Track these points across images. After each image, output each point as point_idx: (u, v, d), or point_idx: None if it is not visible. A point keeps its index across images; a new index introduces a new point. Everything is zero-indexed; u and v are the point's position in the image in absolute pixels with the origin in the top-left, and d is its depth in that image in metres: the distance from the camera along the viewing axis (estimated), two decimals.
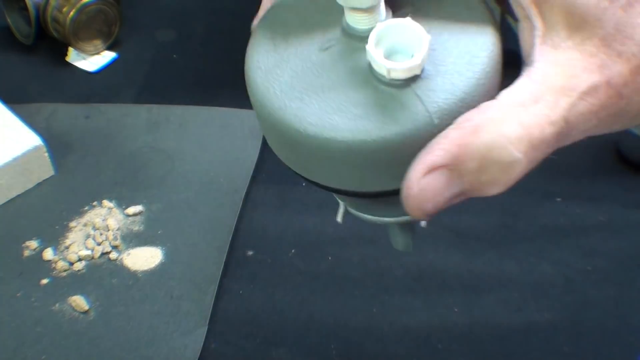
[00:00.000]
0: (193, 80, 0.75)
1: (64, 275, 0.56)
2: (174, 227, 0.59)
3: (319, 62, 0.28)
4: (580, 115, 0.24)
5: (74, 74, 0.76)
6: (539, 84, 0.24)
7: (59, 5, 0.74)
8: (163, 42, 0.80)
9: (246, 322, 0.53)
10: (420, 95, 0.25)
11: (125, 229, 0.59)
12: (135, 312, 0.53)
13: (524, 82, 0.25)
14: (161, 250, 0.58)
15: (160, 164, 0.65)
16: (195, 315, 0.53)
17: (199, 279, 0.55)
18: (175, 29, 0.82)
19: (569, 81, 0.24)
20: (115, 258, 0.57)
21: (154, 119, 0.69)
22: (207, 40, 0.80)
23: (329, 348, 0.51)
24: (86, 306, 0.53)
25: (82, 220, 0.60)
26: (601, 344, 0.51)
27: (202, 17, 0.84)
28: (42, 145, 0.62)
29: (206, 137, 0.67)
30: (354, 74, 0.27)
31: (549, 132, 0.24)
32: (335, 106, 0.26)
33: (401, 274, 0.55)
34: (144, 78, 0.76)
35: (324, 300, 0.54)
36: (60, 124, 0.69)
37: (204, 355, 0.50)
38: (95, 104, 0.71)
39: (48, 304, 0.54)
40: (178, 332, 0.52)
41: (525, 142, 0.24)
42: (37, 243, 0.58)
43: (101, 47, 0.78)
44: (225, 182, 0.63)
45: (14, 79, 0.75)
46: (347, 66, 0.27)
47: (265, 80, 0.28)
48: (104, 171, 0.64)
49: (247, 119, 0.69)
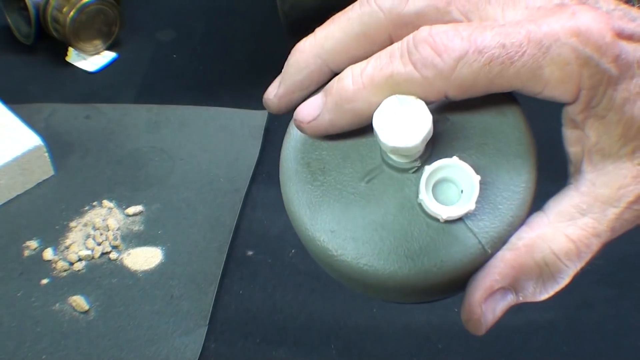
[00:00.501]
0: (193, 80, 0.75)
1: (64, 275, 0.56)
2: (174, 227, 0.59)
3: (364, 195, 0.28)
4: (626, 222, 0.26)
5: (74, 74, 0.76)
6: (586, 196, 0.26)
7: (59, 5, 0.74)
8: (163, 42, 0.80)
9: (246, 322, 0.53)
10: (472, 227, 0.26)
11: (125, 229, 0.59)
12: (135, 312, 0.53)
13: (572, 194, 0.27)
14: (161, 250, 0.58)
15: (160, 164, 0.65)
16: (195, 315, 0.53)
17: (199, 279, 0.55)
18: (175, 29, 0.82)
19: (617, 192, 0.26)
20: (116, 258, 0.57)
21: (154, 119, 0.69)
22: (207, 40, 0.80)
23: (329, 348, 0.51)
24: (86, 306, 0.53)
25: (82, 220, 0.60)
26: (600, 344, 0.51)
27: (202, 17, 0.84)
28: (42, 145, 0.62)
29: (206, 137, 0.67)
30: (403, 207, 0.27)
31: (596, 242, 0.26)
32: (390, 244, 0.27)
33: None
34: (144, 78, 0.76)
35: (324, 300, 0.54)
36: (60, 124, 0.69)
37: (204, 355, 0.50)
38: (95, 104, 0.71)
39: (48, 304, 0.54)
40: (178, 332, 0.52)
41: (573, 255, 0.26)
42: (37, 243, 0.58)
43: (101, 47, 0.78)
44: (225, 182, 0.63)
45: (14, 79, 0.75)
46: (394, 199, 0.28)
47: (314, 221, 0.29)
48: (104, 171, 0.64)
49: (247, 119, 0.69)
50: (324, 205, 0.28)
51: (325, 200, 0.29)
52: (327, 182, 0.29)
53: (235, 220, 0.59)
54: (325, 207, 0.28)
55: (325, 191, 0.29)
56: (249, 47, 0.78)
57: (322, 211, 0.28)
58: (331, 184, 0.29)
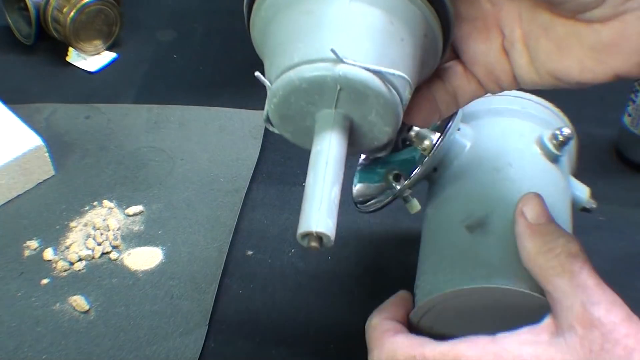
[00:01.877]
0: (193, 80, 0.75)
1: (64, 275, 0.56)
2: (174, 227, 0.59)
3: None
4: None
5: (74, 74, 0.76)
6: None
7: (59, 6, 0.74)
8: (163, 42, 0.80)
9: (246, 322, 0.53)
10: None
11: (125, 229, 0.59)
12: (135, 312, 0.53)
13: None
14: (161, 250, 0.58)
15: (160, 164, 0.65)
16: (195, 315, 0.53)
17: (199, 279, 0.55)
18: (175, 29, 0.82)
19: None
20: (116, 258, 0.57)
21: (154, 119, 0.69)
22: (207, 40, 0.80)
23: (329, 348, 0.51)
24: (86, 306, 0.53)
25: (83, 220, 0.60)
26: None
27: (202, 17, 0.84)
28: (42, 145, 0.62)
29: (206, 137, 0.67)
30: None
31: None
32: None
33: (400, 273, 0.55)
34: (144, 78, 0.76)
35: (324, 300, 0.54)
36: (60, 124, 0.69)
37: (204, 355, 0.50)
38: (95, 104, 0.71)
39: (48, 304, 0.54)
40: (178, 332, 0.52)
41: None
42: (38, 243, 0.58)
43: (101, 47, 0.78)
44: (225, 182, 0.63)
45: (14, 79, 0.75)
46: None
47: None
48: (104, 171, 0.64)
49: (247, 119, 0.69)
50: None
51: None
52: None
53: (235, 220, 0.59)
54: None
55: None
56: (249, 47, 0.77)
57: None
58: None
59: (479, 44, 0.33)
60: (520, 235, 0.36)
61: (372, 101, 0.30)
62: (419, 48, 0.32)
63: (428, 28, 0.32)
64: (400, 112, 0.31)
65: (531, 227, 0.36)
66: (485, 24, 0.33)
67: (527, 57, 0.32)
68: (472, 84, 0.35)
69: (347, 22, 0.30)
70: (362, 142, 0.32)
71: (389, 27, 0.30)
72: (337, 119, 0.30)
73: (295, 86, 0.29)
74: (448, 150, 0.43)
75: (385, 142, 0.32)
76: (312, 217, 0.28)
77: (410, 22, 0.31)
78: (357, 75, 0.29)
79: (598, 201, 0.48)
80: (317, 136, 0.30)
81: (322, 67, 0.29)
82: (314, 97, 0.30)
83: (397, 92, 0.30)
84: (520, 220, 0.37)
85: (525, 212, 0.37)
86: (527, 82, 0.33)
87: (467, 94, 0.35)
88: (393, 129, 0.31)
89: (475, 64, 0.34)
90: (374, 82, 0.29)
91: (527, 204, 0.37)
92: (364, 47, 0.29)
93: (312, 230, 0.28)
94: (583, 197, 0.47)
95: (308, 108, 0.31)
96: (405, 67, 0.31)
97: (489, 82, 0.34)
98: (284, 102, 0.30)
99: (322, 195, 0.29)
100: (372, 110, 0.30)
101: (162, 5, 0.86)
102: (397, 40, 0.30)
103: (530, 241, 0.36)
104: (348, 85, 0.29)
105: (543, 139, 0.43)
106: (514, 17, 0.32)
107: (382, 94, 0.29)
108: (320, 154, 0.30)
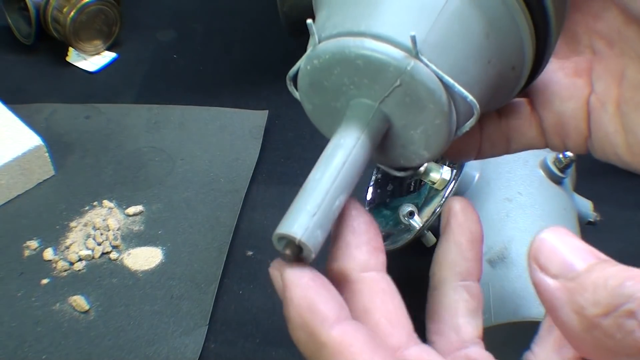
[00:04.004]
0: (193, 80, 0.75)
1: (64, 275, 0.56)
2: (174, 227, 0.59)
3: None
4: None
5: (74, 74, 0.76)
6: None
7: (59, 5, 0.74)
8: (163, 42, 0.80)
9: (246, 322, 0.53)
10: None
11: (125, 229, 0.59)
12: (135, 312, 0.53)
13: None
14: (161, 250, 0.58)
15: (160, 164, 0.65)
16: (195, 315, 0.53)
17: (199, 279, 0.55)
18: (175, 29, 0.82)
19: None
20: (116, 258, 0.57)
21: (154, 119, 0.69)
22: (207, 40, 0.80)
23: None
24: (86, 306, 0.53)
25: (83, 220, 0.60)
26: None
27: (202, 17, 0.84)
28: (42, 145, 0.62)
29: (206, 137, 0.67)
30: None
31: None
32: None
33: (400, 274, 0.55)
34: (144, 78, 0.76)
35: None
36: (60, 124, 0.69)
37: (204, 355, 0.50)
38: (95, 104, 0.71)
39: (48, 304, 0.54)
40: (178, 331, 0.52)
41: None
42: (38, 243, 0.58)
43: (101, 47, 0.78)
44: (225, 182, 0.63)
45: (14, 79, 0.75)
46: None
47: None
48: (104, 171, 0.64)
49: (247, 119, 0.69)
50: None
51: None
52: None
53: (235, 221, 0.59)
54: None
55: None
56: (249, 47, 0.78)
57: None
58: None
59: (562, 87, 0.28)
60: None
61: (427, 116, 0.24)
62: (501, 79, 0.26)
63: (520, 59, 0.26)
64: (448, 142, 0.25)
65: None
66: (577, 68, 0.27)
67: (617, 125, 0.26)
68: (534, 131, 0.28)
69: (440, 11, 0.24)
70: (388, 154, 0.27)
71: (482, 41, 0.25)
72: (376, 117, 0.25)
73: (348, 59, 0.24)
74: (459, 182, 0.43)
75: (413, 165, 0.27)
76: (300, 221, 0.23)
77: (507, 45, 0.25)
78: (427, 79, 0.24)
79: (598, 201, 0.48)
80: (344, 126, 0.25)
81: (390, 51, 0.23)
82: (362, 80, 0.24)
83: (457, 119, 0.25)
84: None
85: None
86: (607, 155, 0.27)
87: (522, 141, 0.29)
88: (431, 156, 0.26)
89: (547, 109, 0.28)
90: (441, 95, 0.24)
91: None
92: (447, 50, 0.24)
93: (294, 237, 0.23)
94: (588, 212, 0.48)
95: (348, 89, 0.25)
96: (477, 95, 0.25)
97: (554, 135, 0.28)
98: (325, 70, 0.25)
99: (323, 200, 0.23)
100: (421, 125, 0.25)
101: (162, 5, 0.86)
102: (484, 60, 0.25)
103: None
104: (410, 86, 0.24)
105: (547, 163, 0.43)
106: (614, 72, 0.26)
107: (442, 113, 0.24)
108: (340, 150, 0.24)
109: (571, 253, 0.21)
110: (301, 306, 0.22)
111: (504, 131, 0.29)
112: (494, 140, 0.29)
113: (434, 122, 0.24)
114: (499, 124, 0.29)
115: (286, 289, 0.23)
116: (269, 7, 0.71)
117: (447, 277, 0.28)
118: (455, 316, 0.27)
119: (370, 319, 0.25)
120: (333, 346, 0.22)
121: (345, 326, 0.22)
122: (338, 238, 0.25)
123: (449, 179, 0.42)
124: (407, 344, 0.25)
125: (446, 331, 0.27)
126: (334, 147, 0.24)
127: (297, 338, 0.23)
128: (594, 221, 0.49)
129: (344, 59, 0.24)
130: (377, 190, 0.52)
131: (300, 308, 0.22)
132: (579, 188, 0.53)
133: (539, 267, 0.21)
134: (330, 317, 0.22)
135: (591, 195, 0.52)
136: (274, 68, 0.74)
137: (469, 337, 0.27)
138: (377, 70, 0.24)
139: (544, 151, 0.45)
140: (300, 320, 0.22)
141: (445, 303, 0.27)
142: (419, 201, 0.44)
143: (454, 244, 0.27)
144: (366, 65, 0.24)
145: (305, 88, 0.26)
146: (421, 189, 0.46)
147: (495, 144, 0.29)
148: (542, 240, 0.21)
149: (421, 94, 0.24)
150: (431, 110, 0.24)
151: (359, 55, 0.24)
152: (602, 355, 0.20)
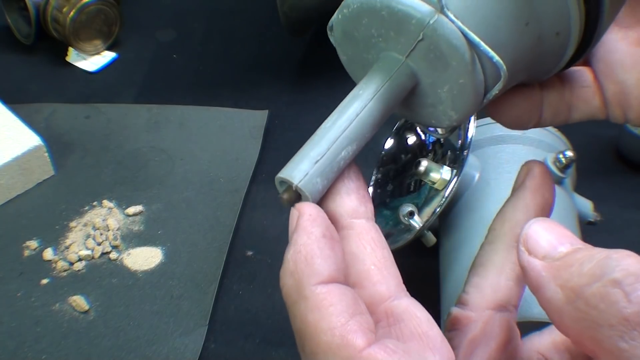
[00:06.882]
0: (193, 80, 0.75)
1: (64, 275, 0.56)
2: (174, 227, 0.59)
3: None
4: None
5: (74, 74, 0.76)
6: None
7: (59, 5, 0.74)
8: (163, 42, 0.80)
9: (246, 322, 0.53)
10: None
11: (125, 229, 0.59)
12: (135, 312, 0.53)
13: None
14: (161, 250, 0.58)
15: (160, 164, 0.65)
16: (195, 315, 0.53)
17: (199, 279, 0.55)
18: (175, 29, 0.82)
19: None
20: (116, 258, 0.57)
21: (154, 119, 0.69)
22: (207, 40, 0.80)
23: None
24: (86, 306, 0.53)
25: (82, 220, 0.60)
26: None
27: (202, 17, 0.84)
28: (42, 145, 0.62)
29: (206, 137, 0.67)
30: None
31: None
32: None
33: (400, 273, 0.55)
34: (144, 78, 0.76)
35: None
36: (60, 124, 0.69)
37: (204, 355, 0.50)
38: (95, 104, 0.71)
39: (48, 304, 0.54)
40: (178, 332, 0.52)
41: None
42: (37, 243, 0.58)
43: (101, 47, 0.78)
44: (225, 182, 0.63)
45: (14, 79, 0.75)
46: None
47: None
48: (104, 171, 0.64)
49: (247, 119, 0.69)
50: None
51: None
52: None
53: (235, 220, 0.59)
54: None
55: None
56: (249, 47, 0.78)
57: None
58: None
59: (625, 56, 0.27)
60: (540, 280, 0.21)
61: (451, 74, 0.24)
62: (542, 44, 0.25)
63: (565, 25, 0.25)
64: (476, 104, 0.25)
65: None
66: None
67: None
68: (596, 101, 0.28)
69: None
70: (419, 112, 0.26)
71: (519, 1, 0.24)
72: (401, 71, 0.24)
73: (374, 8, 0.24)
74: (459, 182, 0.43)
75: (444, 126, 0.26)
76: (301, 166, 0.23)
77: (549, 8, 0.24)
78: (450, 34, 0.23)
79: (598, 201, 0.48)
80: (367, 78, 0.25)
81: (415, 3, 0.23)
82: (389, 32, 0.24)
83: (484, 79, 0.24)
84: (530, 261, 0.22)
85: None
86: None
87: (585, 110, 0.28)
88: (459, 117, 0.25)
89: (609, 79, 0.27)
90: (464, 52, 0.23)
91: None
92: (477, 8, 0.23)
93: (292, 182, 0.23)
94: (588, 212, 0.48)
95: (377, 41, 0.25)
96: (510, 58, 0.24)
97: (616, 106, 0.27)
98: (353, 19, 0.25)
99: (329, 148, 0.23)
100: (447, 84, 0.24)
101: (162, 5, 0.86)
102: (520, 21, 0.24)
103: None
104: (432, 41, 0.23)
105: (547, 163, 0.43)
106: None
107: (466, 72, 0.23)
108: (358, 100, 0.24)
109: (558, 239, 0.21)
110: (299, 253, 0.23)
111: (567, 99, 0.28)
112: (556, 107, 0.28)
113: (458, 80, 0.24)
114: (563, 92, 0.28)
115: (296, 231, 0.23)
116: (269, 7, 0.71)
117: (506, 235, 0.27)
118: (500, 275, 0.27)
119: (359, 265, 0.24)
120: (314, 301, 0.22)
121: (333, 287, 0.22)
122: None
123: (449, 179, 0.42)
124: (398, 293, 0.24)
125: (485, 287, 0.27)
126: (351, 97, 0.24)
127: (284, 283, 0.23)
128: (594, 221, 0.48)
129: (371, 8, 0.24)
130: (377, 191, 0.52)
131: (298, 255, 0.23)
132: (579, 188, 0.53)
133: (527, 250, 0.21)
134: (321, 274, 0.22)
135: (591, 195, 0.52)
136: (274, 68, 0.74)
137: (505, 300, 0.26)
138: (400, 22, 0.24)
139: (544, 151, 0.45)
140: (293, 267, 0.23)
141: (494, 260, 0.27)
142: (419, 201, 0.44)
143: (524, 204, 0.27)
144: (390, 17, 0.24)
145: (339, 38, 0.26)
146: (421, 189, 0.46)
147: (558, 112, 0.28)
148: (531, 227, 0.22)
149: (444, 50, 0.23)
150: (454, 68, 0.24)
151: (384, 5, 0.23)
152: (584, 329, 0.19)
